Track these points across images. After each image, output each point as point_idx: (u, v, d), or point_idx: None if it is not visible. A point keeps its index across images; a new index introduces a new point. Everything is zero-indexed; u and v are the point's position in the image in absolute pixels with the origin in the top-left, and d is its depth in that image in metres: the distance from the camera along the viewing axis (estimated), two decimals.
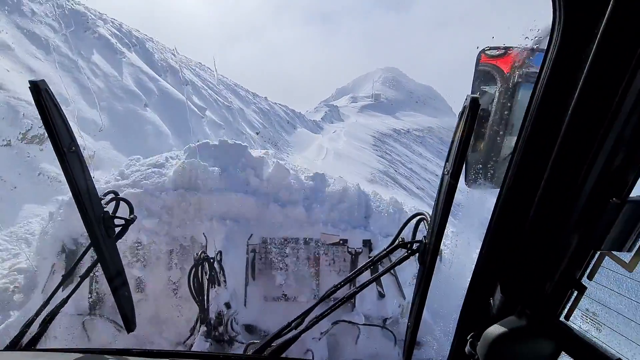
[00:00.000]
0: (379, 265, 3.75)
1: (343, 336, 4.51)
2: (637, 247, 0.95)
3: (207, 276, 3.92)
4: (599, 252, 1.04)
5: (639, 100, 0.84)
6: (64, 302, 2.16)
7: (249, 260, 4.66)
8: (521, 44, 1.24)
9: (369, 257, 4.60)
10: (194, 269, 3.77)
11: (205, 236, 4.67)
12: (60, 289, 2.18)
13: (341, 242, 4.74)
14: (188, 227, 4.72)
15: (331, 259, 4.78)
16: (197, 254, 3.85)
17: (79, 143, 1.59)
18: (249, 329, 4.51)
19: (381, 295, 4.58)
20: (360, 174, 30.38)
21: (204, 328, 3.92)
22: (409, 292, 4.64)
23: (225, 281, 4.15)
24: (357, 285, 1.80)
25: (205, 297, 3.90)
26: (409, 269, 4.80)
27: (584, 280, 1.08)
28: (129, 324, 2.05)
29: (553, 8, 0.95)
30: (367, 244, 4.73)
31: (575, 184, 0.99)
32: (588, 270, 1.07)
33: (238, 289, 4.48)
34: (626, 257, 0.99)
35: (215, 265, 4.07)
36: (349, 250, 4.71)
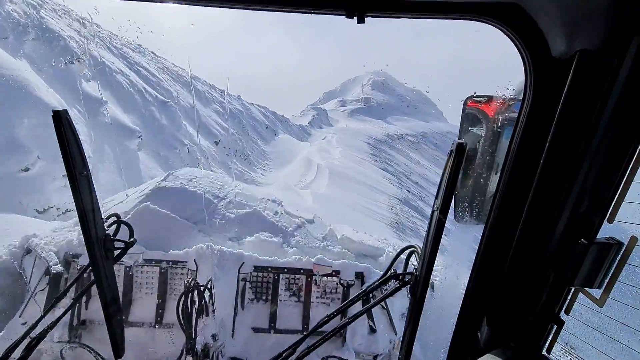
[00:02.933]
0: (371, 298, 3.81)
1: None
2: (605, 283, 1.09)
3: (197, 305, 3.90)
4: (573, 289, 1.17)
5: (599, 153, 1.01)
6: (53, 325, 2.22)
7: (239, 289, 4.64)
8: (500, 94, 1.43)
9: (361, 290, 4.65)
10: (182, 298, 3.76)
11: (196, 263, 4.69)
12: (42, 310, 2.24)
13: (334, 273, 4.76)
14: None
15: (323, 290, 4.81)
16: (187, 281, 3.85)
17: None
18: None
19: (372, 330, 4.59)
20: (377, 215, 22.27)
21: (190, 358, 3.88)
22: (401, 326, 4.66)
23: (214, 311, 4.14)
24: (349, 317, 1.88)
25: (194, 327, 3.87)
26: (400, 304, 4.84)
27: (562, 315, 1.20)
28: (118, 349, 2.10)
29: (525, 71, 1.14)
30: (360, 276, 4.77)
31: (549, 225, 1.14)
32: (565, 306, 1.20)
33: (226, 319, 4.46)
34: (597, 293, 1.12)
35: (206, 293, 4.06)
36: (342, 282, 4.74)
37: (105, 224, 2.01)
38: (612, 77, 0.96)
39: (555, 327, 1.21)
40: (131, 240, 2.09)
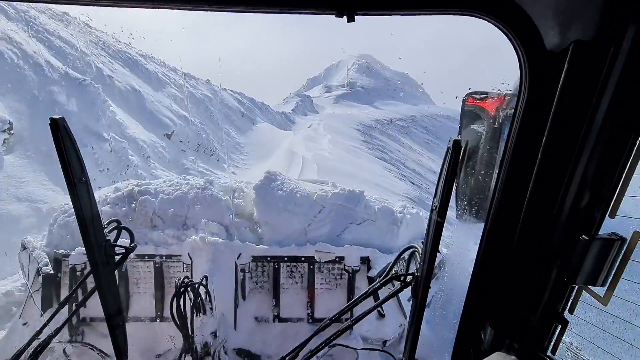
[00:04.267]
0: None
1: (340, 357, 4.55)
2: (609, 281, 1.08)
3: (192, 303, 3.80)
4: (576, 287, 1.17)
5: (597, 146, 0.99)
6: (52, 336, 2.25)
7: (239, 280, 4.65)
8: (497, 89, 1.40)
9: (367, 276, 4.66)
10: (175, 299, 3.66)
11: (190, 257, 4.63)
12: (41, 315, 2.27)
13: (337, 259, 4.71)
14: None
15: (327, 278, 4.80)
16: (178, 280, 3.75)
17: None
18: (241, 353, 4.53)
19: (381, 315, 4.63)
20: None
21: (189, 358, 3.88)
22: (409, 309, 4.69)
23: (212, 308, 4.11)
24: (353, 315, 1.90)
25: (190, 327, 3.77)
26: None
27: (566, 315, 1.21)
28: (121, 355, 2.14)
29: (519, 65, 1.12)
30: (365, 260, 4.69)
31: (549, 222, 1.13)
32: (569, 305, 1.20)
33: (226, 312, 4.47)
34: (601, 291, 1.12)
35: (202, 291, 4.00)
36: (346, 268, 4.70)
37: (106, 230, 2.02)
38: (609, 67, 0.95)
39: (560, 326, 1.21)
40: (132, 245, 2.11)
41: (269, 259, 4.76)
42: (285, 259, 4.77)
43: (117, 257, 2.07)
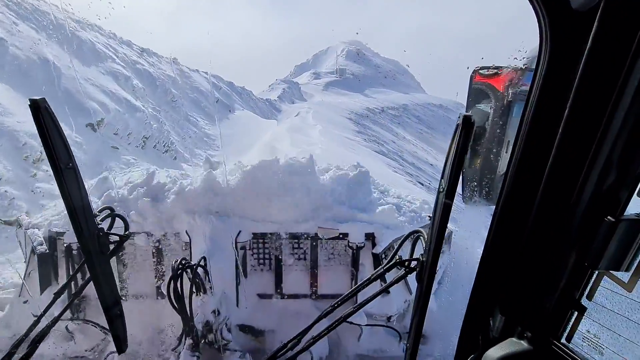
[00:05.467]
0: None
1: (344, 333, 4.60)
2: (635, 266, 1.00)
3: (191, 284, 3.77)
4: (597, 272, 1.08)
5: (628, 118, 0.88)
6: (55, 321, 2.22)
7: (239, 258, 4.58)
8: (510, 64, 1.28)
9: (372, 253, 4.62)
10: (172, 280, 3.62)
11: (188, 235, 4.59)
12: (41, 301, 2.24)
13: (341, 236, 4.64)
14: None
15: (330, 254, 4.78)
16: (175, 262, 3.73)
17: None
18: (244, 329, 4.56)
19: (386, 292, 4.64)
20: None
21: (189, 341, 3.88)
22: (415, 285, 4.68)
23: (211, 288, 4.10)
24: (357, 297, 1.85)
25: (189, 308, 3.77)
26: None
27: (584, 301, 1.13)
28: (121, 344, 2.12)
29: (540, 29, 0.98)
30: (370, 237, 4.63)
31: (569, 202, 1.04)
32: (587, 291, 1.12)
33: (228, 290, 4.47)
34: (625, 276, 1.03)
35: (200, 271, 3.96)
36: (350, 244, 4.65)
37: (98, 218, 1.95)
38: None
39: (577, 313, 1.14)
40: (126, 233, 2.06)
41: (269, 235, 4.71)
42: (287, 235, 4.70)
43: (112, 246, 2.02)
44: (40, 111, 1.47)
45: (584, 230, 1.03)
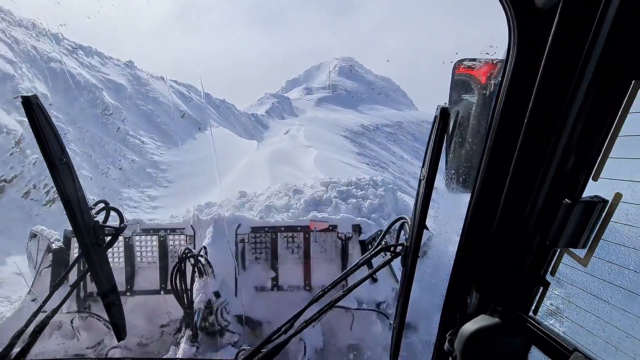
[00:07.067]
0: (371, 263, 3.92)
1: (337, 322, 4.75)
2: (589, 243, 1.11)
3: (194, 273, 4.01)
4: (558, 250, 1.20)
5: (582, 110, 0.98)
6: (55, 311, 2.30)
7: (238, 250, 4.81)
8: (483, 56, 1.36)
9: (359, 240, 4.83)
10: (176, 267, 3.86)
11: (193, 228, 4.84)
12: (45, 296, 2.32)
13: (330, 227, 4.92)
14: None
15: (322, 246, 4.97)
16: (180, 251, 3.92)
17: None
18: (241, 319, 4.70)
19: (374, 280, 4.79)
20: None
21: (189, 332, 4.03)
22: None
23: (213, 272, 4.28)
24: (347, 282, 1.94)
25: (190, 299, 4.00)
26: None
27: (548, 277, 1.25)
28: (120, 332, 2.20)
29: (508, 25, 1.08)
30: (357, 228, 4.95)
31: (533, 187, 1.14)
32: (550, 267, 1.24)
33: (228, 280, 4.63)
34: (582, 253, 1.15)
35: (202, 260, 4.17)
36: (339, 235, 4.90)
37: (93, 211, 2.02)
38: (599, 21, 0.91)
39: (542, 288, 1.25)
40: (122, 225, 2.12)
41: (267, 229, 4.95)
42: (282, 229, 4.97)
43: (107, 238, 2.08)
44: (32, 107, 1.50)
45: (545, 212, 1.13)
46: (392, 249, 1.76)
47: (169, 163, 18.43)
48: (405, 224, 1.71)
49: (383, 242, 1.85)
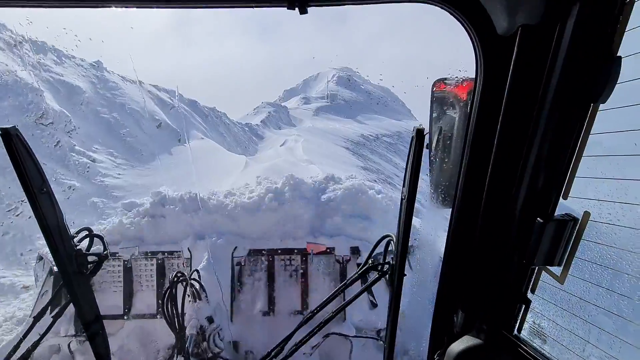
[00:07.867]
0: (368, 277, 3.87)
1: (335, 350, 4.62)
2: (564, 261, 1.12)
3: (184, 297, 3.90)
4: (536, 268, 1.20)
5: (547, 132, 1.02)
6: (42, 336, 2.27)
7: (235, 273, 4.73)
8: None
9: (357, 263, 4.75)
10: (168, 292, 3.74)
11: (189, 251, 4.79)
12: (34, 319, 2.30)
13: (328, 250, 4.83)
14: None
15: (319, 269, 4.89)
16: (172, 276, 3.85)
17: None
18: (236, 345, 4.59)
19: (373, 305, 4.70)
20: None
21: (181, 359, 3.89)
22: (404, 300, 4.75)
23: (207, 296, 4.21)
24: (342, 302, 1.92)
25: (181, 324, 3.87)
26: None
27: (529, 295, 1.25)
28: None
29: (474, 51, 1.13)
30: (355, 251, 4.83)
31: (507, 205, 1.16)
32: (531, 285, 1.24)
33: (223, 304, 4.55)
34: (558, 270, 1.15)
35: (196, 284, 4.11)
36: (337, 258, 4.80)
37: (76, 239, 2.01)
38: (555, 49, 0.96)
39: (524, 306, 1.25)
40: (105, 252, 2.09)
41: (264, 252, 4.87)
42: (279, 252, 4.87)
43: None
44: (11, 139, 1.51)
45: (520, 231, 1.15)
46: (379, 267, 1.75)
47: (128, 187, 13.86)
48: (391, 241, 1.71)
49: (370, 261, 1.85)
